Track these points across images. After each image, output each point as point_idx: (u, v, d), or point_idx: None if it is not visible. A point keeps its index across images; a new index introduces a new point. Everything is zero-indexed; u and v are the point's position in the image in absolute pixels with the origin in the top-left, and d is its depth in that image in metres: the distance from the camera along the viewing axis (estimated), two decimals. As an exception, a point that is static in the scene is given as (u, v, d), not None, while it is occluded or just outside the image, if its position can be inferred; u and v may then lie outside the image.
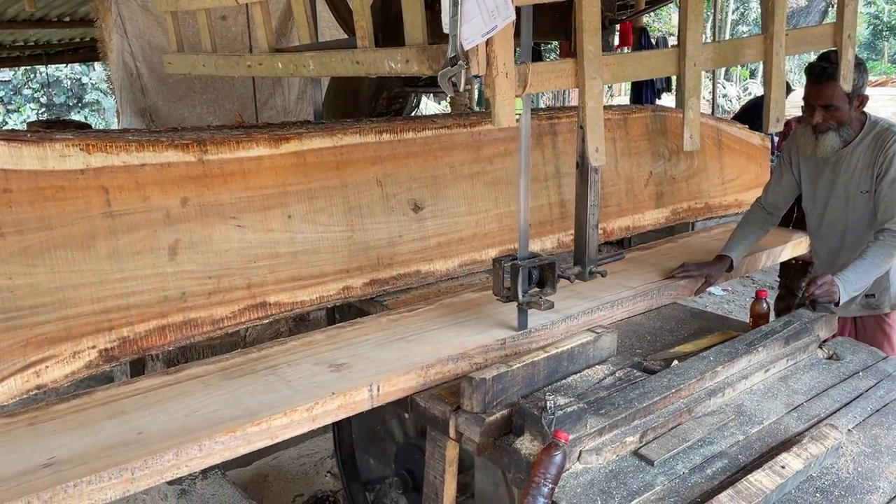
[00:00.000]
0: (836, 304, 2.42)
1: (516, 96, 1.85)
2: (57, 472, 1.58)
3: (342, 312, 2.89)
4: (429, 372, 2.11)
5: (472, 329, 2.37)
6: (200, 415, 1.82)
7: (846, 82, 2.46)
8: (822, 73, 2.53)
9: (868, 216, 2.68)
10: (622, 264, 3.11)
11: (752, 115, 6.22)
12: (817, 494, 1.67)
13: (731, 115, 7.08)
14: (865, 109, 2.73)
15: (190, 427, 1.76)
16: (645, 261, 3.21)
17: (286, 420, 1.83)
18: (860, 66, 2.59)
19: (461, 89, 1.73)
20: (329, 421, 1.93)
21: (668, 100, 8.44)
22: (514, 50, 1.87)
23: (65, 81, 15.88)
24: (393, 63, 1.95)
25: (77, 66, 14.90)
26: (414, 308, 2.60)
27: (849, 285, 2.42)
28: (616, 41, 9.00)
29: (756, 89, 18.30)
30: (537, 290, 2.31)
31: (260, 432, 1.79)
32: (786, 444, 1.80)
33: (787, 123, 7.68)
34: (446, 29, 1.70)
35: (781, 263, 4.14)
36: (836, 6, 2.52)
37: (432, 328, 2.39)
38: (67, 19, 6.65)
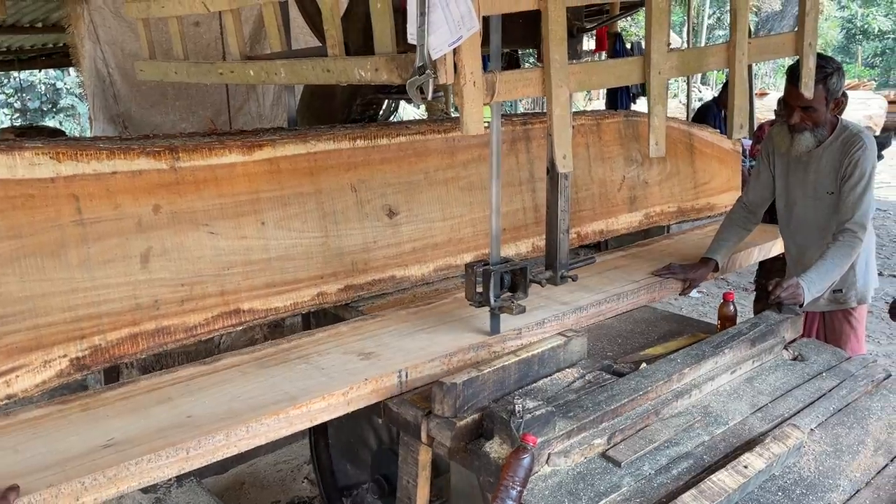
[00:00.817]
0: (801, 305, 2.48)
1: (485, 104, 1.87)
2: (118, 452, 1.71)
3: (317, 318, 2.90)
4: (451, 360, 2.22)
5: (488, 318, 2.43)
6: (243, 400, 1.97)
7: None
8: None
9: (825, 215, 2.78)
10: (625, 259, 3.33)
11: (705, 119, 6.32)
12: (779, 493, 1.71)
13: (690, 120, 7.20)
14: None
15: (236, 410, 1.90)
16: (644, 257, 3.39)
17: (324, 404, 1.98)
18: (839, 70, 2.68)
19: (429, 98, 1.76)
20: (363, 405, 2.08)
21: (643, 105, 8.51)
22: (484, 58, 1.90)
23: (39, 86, 15.69)
24: (363, 71, 1.97)
25: (51, 71, 14.72)
26: (431, 301, 2.72)
27: (812, 286, 2.51)
28: (592, 45, 9.08)
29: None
30: (509, 294, 2.34)
31: (301, 415, 1.94)
32: (749, 444, 1.84)
33: (761, 127, 7.80)
34: (412, 39, 1.72)
35: (760, 265, 4.22)
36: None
37: (450, 320, 2.50)
38: (40, 25, 6.58)
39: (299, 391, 1.99)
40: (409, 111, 11.87)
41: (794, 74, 2.65)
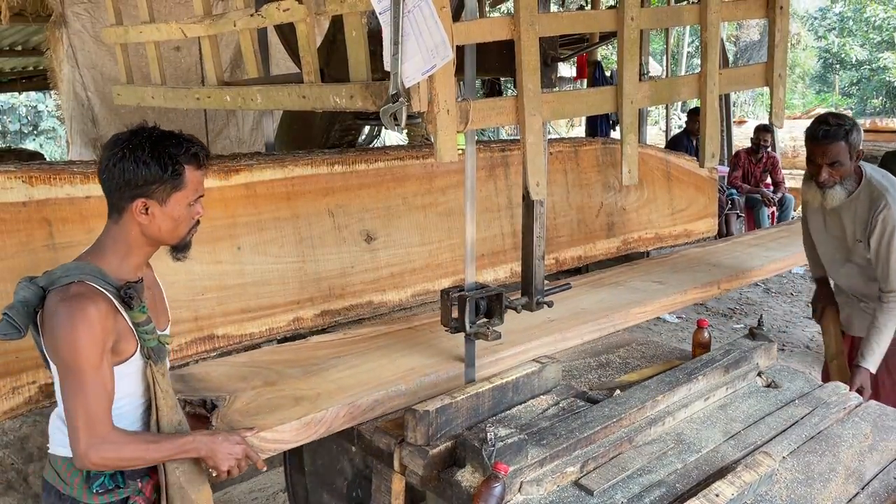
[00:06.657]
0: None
1: (458, 132, 1.88)
2: (559, 323, 2.72)
3: (293, 344, 2.87)
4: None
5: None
6: (600, 301, 3.02)
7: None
8: (825, 134, 2.67)
9: (861, 260, 2.89)
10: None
11: (677, 150, 6.40)
12: (751, 521, 1.71)
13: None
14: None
15: (611, 306, 2.97)
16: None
17: (649, 310, 3.03)
18: (855, 125, 2.74)
19: (402, 125, 1.77)
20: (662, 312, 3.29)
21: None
22: (460, 85, 1.91)
23: (20, 108, 15.62)
24: (338, 98, 1.98)
25: (33, 93, 14.67)
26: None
27: (871, 361, 2.80)
28: (574, 73, 9.19)
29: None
30: (485, 320, 2.34)
31: (645, 313, 2.99)
32: (722, 472, 1.83)
33: (737, 154, 7.92)
34: (388, 67, 1.73)
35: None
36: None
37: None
38: (19, 48, 6.56)
39: (630, 302, 3.01)
40: (391, 136, 11.92)
41: (815, 135, 2.71)
